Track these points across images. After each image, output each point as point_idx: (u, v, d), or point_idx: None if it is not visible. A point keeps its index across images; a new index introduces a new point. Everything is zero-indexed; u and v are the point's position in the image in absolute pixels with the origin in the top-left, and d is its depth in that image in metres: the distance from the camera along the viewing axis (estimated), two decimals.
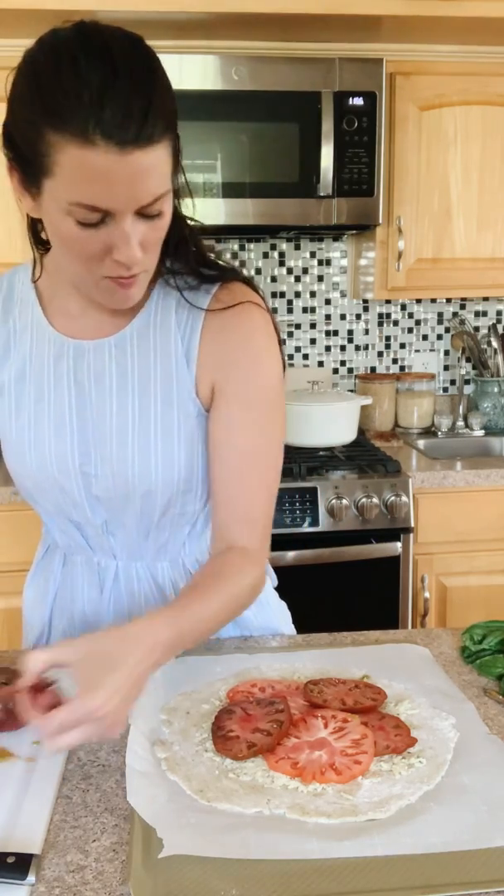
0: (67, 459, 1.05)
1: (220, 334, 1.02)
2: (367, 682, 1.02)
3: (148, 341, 1.03)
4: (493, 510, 2.37)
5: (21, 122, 0.83)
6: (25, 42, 0.90)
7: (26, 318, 1.07)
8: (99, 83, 0.78)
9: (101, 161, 0.79)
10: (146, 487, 1.05)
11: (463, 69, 2.45)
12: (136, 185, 0.82)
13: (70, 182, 0.81)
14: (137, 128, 0.79)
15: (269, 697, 0.96)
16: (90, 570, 1.15)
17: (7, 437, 1.08)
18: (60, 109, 0.78)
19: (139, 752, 0.87)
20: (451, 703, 0.98)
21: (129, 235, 0.85)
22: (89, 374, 1.04)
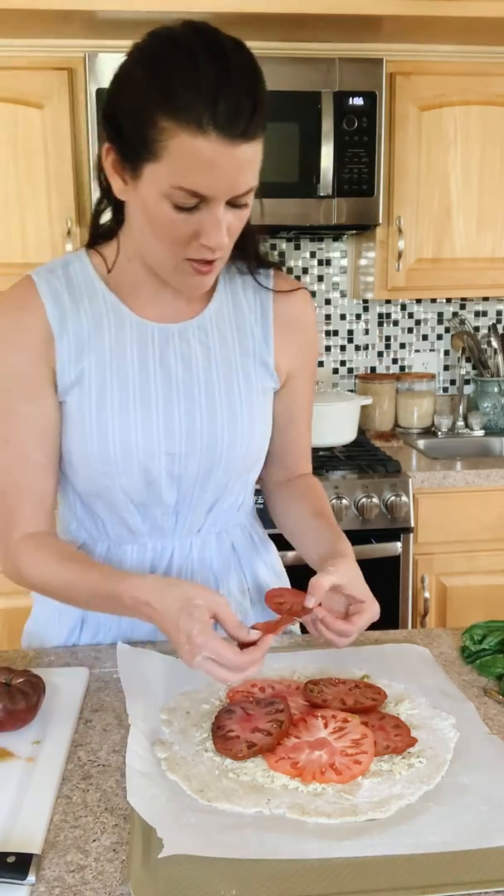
0: (154, 441, 1.08)
1: (291, 318, 1.16)
2: (367, 682, 1.02)
3: (225, 322, 1.13)
4: (493, 510, 2.37)
5: (131, 107, 0.90)
6: (25, 42, 0.91)
7: (99, 307, 1.09)
8: (214, 78, 0.86)
9: (210, 150, 0.87)
10: (230, 459, 1.12)
11: (463, 69, 2.45)
12: (236, 176, 0.90)
13: (177, 167, 0.88)
14: (245, 124, 0.87)
15: (269, 697, 0.96)
16: (141, 557, 1.16)
17: (87, 427, 1.07)
18: (177, 98, 0.85)
19: (139, 751, 0.87)
20: (451, 703, 0.98)
21: (221, 221, 0.93)
22: (176, 357, 1.09)
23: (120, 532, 1.15)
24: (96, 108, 2.26)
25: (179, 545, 1.17)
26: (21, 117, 2.33)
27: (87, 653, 1.15)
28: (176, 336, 1.10)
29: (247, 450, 1.14)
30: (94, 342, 1.08)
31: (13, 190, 2.36)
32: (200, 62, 0.86)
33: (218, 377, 1.11)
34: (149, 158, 0.90)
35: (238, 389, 1.12)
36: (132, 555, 1.16)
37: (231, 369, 1.12)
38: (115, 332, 1.08)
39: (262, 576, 1.27)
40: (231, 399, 1.11)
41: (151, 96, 0.87)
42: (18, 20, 2.17)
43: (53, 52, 2.32)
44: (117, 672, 1.06)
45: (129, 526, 1.14)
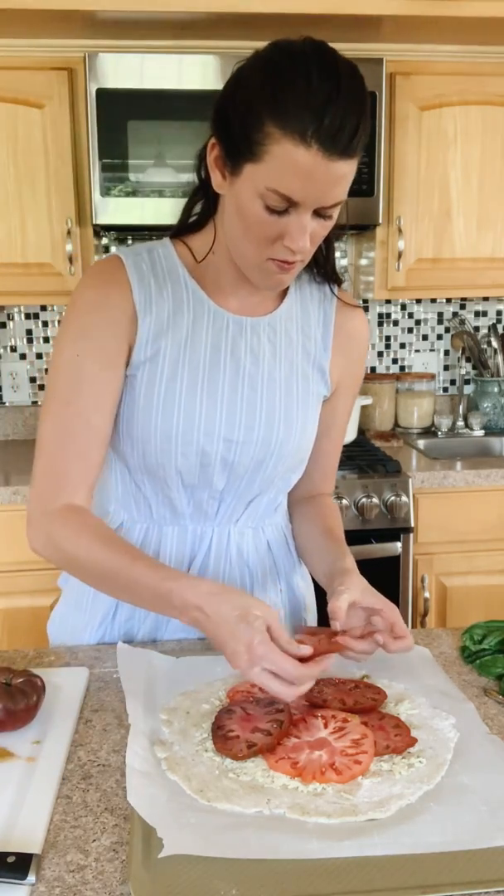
0: (215, 425, 1.12)
1: (349, 333, 1.22)
2: (367, 682, 1.02)
3: (293, 323, 1.18)
4: (493, 510, 2.37)
5: (243, 108, 0.94)
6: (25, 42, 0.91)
7: (180, 292, 1.13)
8: (325, 95, 0.90)
9: (309, 162, 0.91)
10: (281, 454, 1.16)
11: (463, 69, 2.45)
12: (327, 189, 0.94)
13: (275, 171, 0.93)
14: (346, 142, 0.91)
15: (269, 697, 0.96)
16: (181, 540, 1.19)
17: (154, 402, 1.11)
18: (287, 107, 0.90)
19: (139, 751, 0.87)
20: (451, 703, 0.98)
21: (306, 228, 0.98)
22: (246, 349, 1.14)
23: (163, 513, 1.18)
24: (96, 108, 2.26)
25: (218, 532, 1.20)
26: (21, 117, 2.33)
27: (87, 653, 1.15)
28: (249, 330, 1.15)
29: (297, 447, 1.19)
30: (174, 325, 1.12)
31: (13, 190, 2.36)
32: (314, 78, 0.90)
33: (280, 374, 1.16)
34: (250, 159, 0.94)
35: (297, 389, 1.17)
36: (172, 537, 1.19)
37: (293, 369, 1.17)
38: (194, 317, 1.13)
39: (296, 582, 1.30)
40: (290, 397, 1.16)
41: (263, 101, 0.92)
42: (18, 20, 2.17)
43: (53, 52, 2.32)
44: (117, 672, 1.06)
45: (175, 506, 1.17)
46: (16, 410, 2.89)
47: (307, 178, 0.92)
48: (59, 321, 2.85)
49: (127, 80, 2.26)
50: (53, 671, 1.07)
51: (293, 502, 1.31)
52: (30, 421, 2.90)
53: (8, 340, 2.84)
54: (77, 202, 2.39)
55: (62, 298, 2.51)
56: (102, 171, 2.31)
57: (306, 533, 1.26)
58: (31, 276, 2.41)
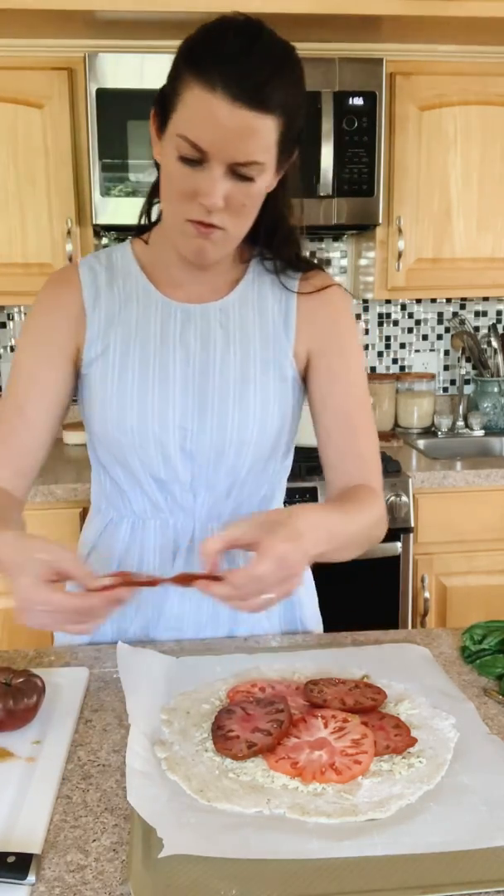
0: (169, 414, 1.12)
1: (314, 312, 1.17)
2: (367, 682, 1.02)
3: (248, 308, 1.16)
4: (493, 510, 2.37)
5: (173, 68, 0.99)
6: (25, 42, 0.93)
7: (131, 286, 1.16)
8: (238, 48, 0.93)
9: (214, 105, 0.92)
10: (241, 441, 1.14)
11: (463, 69, 2.45)
12: (234, 140, 0.94)
13: (185, 116, 0.95)
14: (251, 91, 0.92)
15: (269, 697, 0.96)
16: (164, 534, 1.19)
17: (108, 396, 1.14)
18: (201, 57, 0.94)
19: (139, 751, 0.87)
20: (451, 703, 0.98)
21: (216, 183, 0.97)
22: (196, 335, 1.14)
23: (143, 506, 1.19)
24: (96, 108, 2.26)
25: (200, 527, 1.19)
26: (21, 117, 2.33)
27: (87, 653, 1.15)
28: (198, 316, 1.15)
29: (258, 435, 1.14)
30: (122, 318, 1.15)
31: (13, 190, 2.36)
32: (231, 33, 0.95)
33: (235, 360, 1.14)
34: (172, 110, 0.98)
35: (253, 375, 1.14)
36: (155, 530, 1.20)
37: (248, 354, 1.15)
38: (142, 309, 1.15)
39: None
40: (245, 383, 1.14)
41: (183, 53, 0.97)
42: (19, 20, 2.17)
43: (53, 52, 2.32)
44: (117, 672, 1.06)
45: (152, 500, 1.18)
46: None
47: (213, 125, 0.93)
48: None
49: (127, 80, 2.26)
50: (53, 671, 1.07)
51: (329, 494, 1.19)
52: None
53: (8, 340, 2.84)
54: (77, 202, 2.39)
55: None
56: (102, 171, 2.31)
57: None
58: (31, 276, 2.41)
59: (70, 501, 2.21)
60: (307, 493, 2.21)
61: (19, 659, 1.14)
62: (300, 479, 2.24)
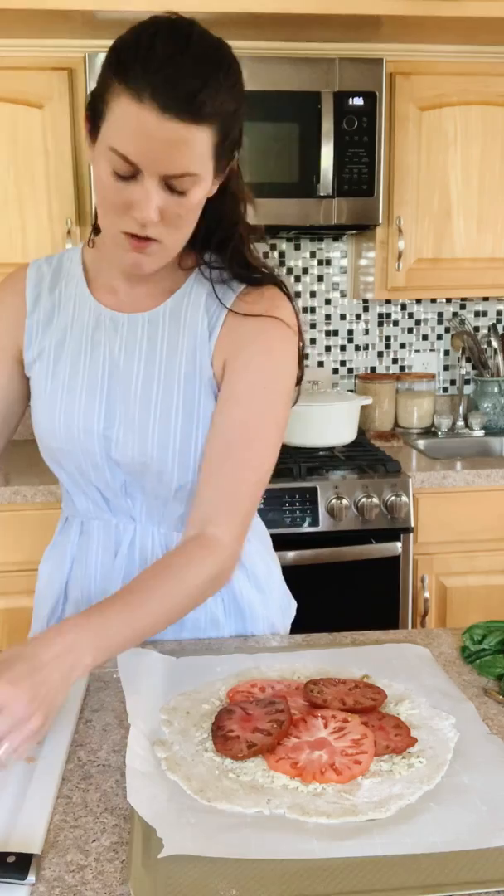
0: (93, 422, 1.12)
1: (236, 329, 1.09)
2: (367, 682, 1.02)
3: (178, 321, 1.12)
4: (493, 510, 2.37)
5: (101, 72, 0.94)
6: (25, 42, 0.92)
7: (71, 290, 1.17)
8: (167, 55, 0.89)
9: (143, 118, 0.89)
10: (163, 458, 1.11)
11: (463, 69, 2.45)
12: (165, 152, 0.91)
13: (115, 128, 0.92)
14: (182, 102, 0.88)
15: (269, 697, 0.96)
16: (107, 533, 1.21)
17: (41, 398, 1.16)
18: (128, 66, 0.89)
19: (139, 751, 0.87)
20: (451, 703, 0.98)
21: (150, 195, 0.94)
22: (121, 345, 1.13)
23: (87, 506, 1.21)
24: None
25: (142, 529, 1.19)
26: (21, 117, 2.33)
27: None
28: (125, 326, 1.13)
29: (182, 450, 1.10)
30: (57, 321, 1.16)
31: (13, 190, 2.36)
32: (159, 39, 0.90)
33: (159, 372, 1.11)
34: (101, 119, 0.94)
35: (177, 390, 1.10)
36: (98, 530, 1.21)
37: (174, 369, 1.10)
38: (76, 313, 1.15)
39: (237, 585, 1.20)
40: (168, 398, 1.10)
41: (111, 63, 0.92)
42: (18, 20, 2.17)
43: (53, 52, 2.32)
44: (117, 672, 1.06)
45: (93, 502, 1.20)
46: None
47: (142, 137, 0.89)
48: None
49: None
50: None
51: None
52: (29, 420, 2.89)
53: None
54: (77, 202, 2.39)
55: None
56: None
57: None
58: None
59: None
60: (307, 493, 2.22)
61: None
62: (300, 480, 2.24)
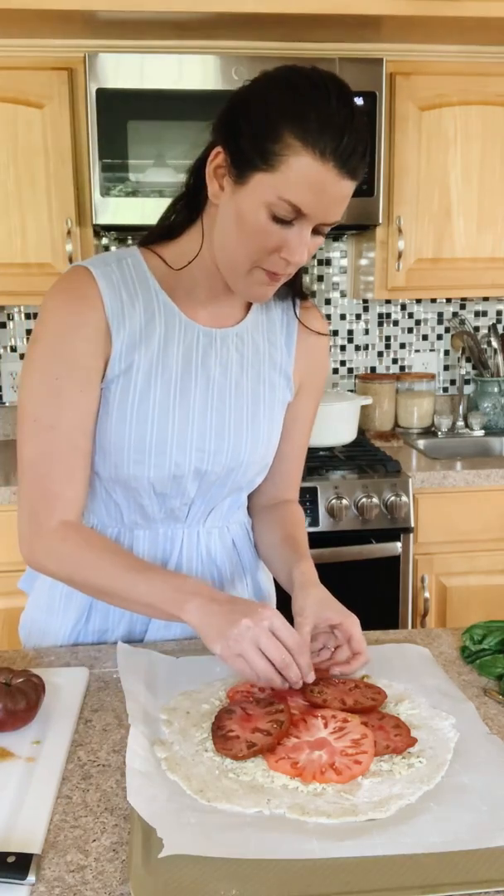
0: (187, 436, 1.14)
1: (310, 353, 1.25)
2: (367, 682, 1.02)
3: (259, 332, 1.20)
4: (493, 510, 2.37)
5: (260, 118, 0.97)
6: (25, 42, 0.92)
7: (151, 305, 1.13)
8: (344, 118, 0.96)
9: (324, 177, 0.96)
10: (251, 460, 1.19)
11: (463, 69, 2.45)
12: (333, 206, 1.00)
13: (290, 182, 0.96)
14: (356, 163, 0.98)
15: (269, 697, 0.96)
16: (153, 543, 1.21)
17: (127, 415, 1.12)
18: (311, 123, 0.94)
19: (139, 751, 0.87)
20: (452, 703, 0.98)
21: (305, 240, 1.01)
22: (216, 360, 1.16)
23: (134, 518, 1.20)
24: (96, 108, 2.26)
25: (188, 534, 1.22)
26: (21, 117, 2.33)
27: (87, 653, 1.15)
28: (218, 341, 1.16)
29: (264, 453, 1.21)
30: (146, 338, 1.12)
31: (13, 190, 2.36)
32: (333, 100, 0.96)
33: (248, 384, 1.18)
34: (263, 168, 0.96)
35: (263, 397, 1.19)
36: (143, 540, 1.20)
37: (259, 378, 1.19)
38: (166, 330, 1.14)
39: (260, 578, 1.32)
40: (256, 405, 1.19)
41: (284, 114, 0.95)
42: (18, 20, 2.17)
43: (53, 52, 2.32)
44: (117, 672, 1.06)
45: (146, 512, 1.19)
46: (16, 410, 2.89)
47: (319, 192, 0.96)
48: None
49: (127, 80, 2.26)
50: (53, 671, 1.07)
51: (257, 510, 1.32)
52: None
53: (8, 340, 2.84)
54: (77, 202, 2.39)
55: None
56: (102, 171, 2.31)
57: (267, 543, 1.28)
58: (31, 276, 2.41)
59: None
60: (307, 493, 2.22)
61: (19, 659, 1.14)
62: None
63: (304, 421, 1.29)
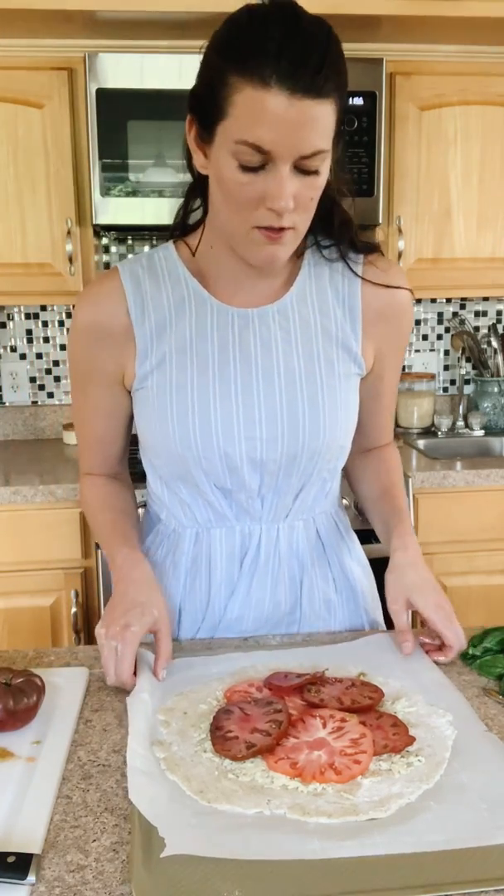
0: (233, 427, 1.09)
1: (384, 314, 1.15)
2: (363, 681, 1.02)
3: (307, 307, 1.12)
4: (493, 510, 2.37)
5: (209, 71, 0.94)
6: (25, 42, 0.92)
7: (180, 292, 1.11)
8: (282, 36, 0.88)
9: (273, 103, 0.88)
10: (314, 446, 1.12)
11: (463, 69, 2.45)
12: (298, 133, 0.90)
13: (242, 121, 0.90)
14: (308, 79, 0.88)
15: (267, 697, 0.96)
16: (230, 541, 1.18)
17: (167, 411, 1.10)
18: (245, 55, 0.89)
19: (139, 751, 0.87)
20: (448, 698, 0.98)
21: (285, 183, 0.93)
22: (255, 341, 1.10)
23: (207, 516, 1.17)
24: (96, 108, 2.26)
25: (266, 529, 1.18)
26: (21, 117, 2.33)
27: (87, 653, 1.15)
28: (256, 320, 1.10)
29: (331, 436, 1.12)
30: (176, 325, 1.10)
31: (13, 190, 2.36)
32: (270, 23, 0.90)
33: (299, 362, 1.10)
34: (220, 117, 0.92)
35: (319, 375, 1.11)
36: (220, 539, 1.18)
37: (313, 354, 1.11)
38: (196, 315, 1.10)
39: (348, 565, 1.27)
40: (312, 384, 1.10)
41: (223, 56, 0.92)
42: (19, 20, 2.17)
43: (53, 52, 2.32)
44: None
45: (216, 509, 1.16)
46: (16, 410, 2.89)
47: (274, 122, 0.89)
48: (59, 321, 2.85)
49: (127, 80, 2.26)
50: (53, 671, 1.07)
51: (352, 457, 1.25)
52: (30, 421, 2.90)
53: (8, 340, 2.84)
54: (77, 202, 2.39)
55: (62, 298, 2.51)
56: (102, 171, 2.31)
57: (365, 496, 1.30)
58: (31, 276, 2.41)
59: (70, 501, 2.21)
60: None
61: (19, 659, 1.14)
62: None
63: (389, 380, 1.23)
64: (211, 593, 1.19)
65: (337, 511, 1.28)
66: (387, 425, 1.31)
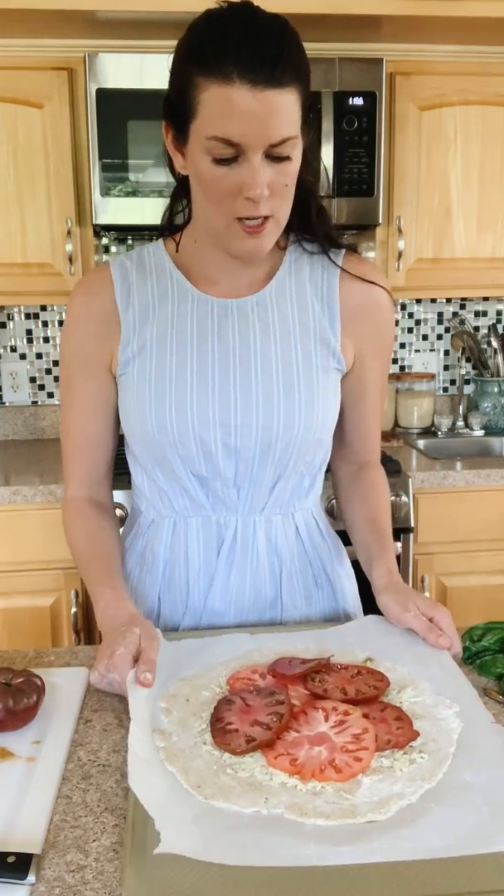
0: (209, 412, 1.12)
1: (362, 304, 1.18)
2: (369, 668, 1.00)
3: (286, 299, 1.16)
4: (493, 510, 2.37)
5: (176, 77, 1.00)
6: (25, 42, 0.93)
7: (165, 284, 1.17)
8: (240, 35, 0.95)
9: (237, 97, 0.94)
10: (288, 437, 1.14)
11: (463, 69, 2.45)
12: (265, 123, 0.95)
13: (210, 118, 0.96)
14: (268, 71, 0.94)
15: (270, 687, 0.96)
16: (207, 530, 1.20)
17: (146, 395, 1.14)
18: (207, 56, 0.95)
19: (141, 737, 0.86)
20: (455, 684, 0.98)
21: (258, 171, 0.98)
22: (233, 331, 1.14)
23: (184, 504, 1.20)
24: (96, 107, 2.26)
25: (243, 521, 1.20)
26: (21, 117, 2.33)
27: (87, 653, 1.15)
28: (235, 310, 1.14)
29: (306, 426, 1.14)
30: (158, 314, 1.15)
31: (13, 190, 2.36)
32: (228, 23, 0.96)
33: (276, 353, 1.14)
34: (191, 117, 0.98)
35: (296, 366, 1.14)
36: (197, 528, 1.20)
37: (290, 346, 1.14)
38: (178, 305, 1.15)
39: (329, 566, 1.29)
40: (289, 375, 1.13)
41: (187, 60, 0.98)
42: (19, 20, 2.17)
43: (53, 52, 2.32)
44: None
45: (192, 497, 1.18)
46: (16, 410, 2.89)
47: (241, 115, 0.94)
48: (59, 321, 2.85)
49: (127, 80, 2.26)
50: (53, 671, 1.07)
51: (340, 476, 1.32)
52: (30, 421, 2.90)
53: (8, 340, 2.84)
54: (77, 202, 2.39)
55: (62, 298, 2.51)
56: (102, 171, 2.31)
57: (350, 521, 1.29)
58: (31, 276, 2.41)
59: None
60: None
61: (19, 659, 1.14)
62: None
63: (372, 383, 1.23)
64: (189, 583, 1.21)
65: (320, 513, 1.30)
66: (372, 436, 1.30)
